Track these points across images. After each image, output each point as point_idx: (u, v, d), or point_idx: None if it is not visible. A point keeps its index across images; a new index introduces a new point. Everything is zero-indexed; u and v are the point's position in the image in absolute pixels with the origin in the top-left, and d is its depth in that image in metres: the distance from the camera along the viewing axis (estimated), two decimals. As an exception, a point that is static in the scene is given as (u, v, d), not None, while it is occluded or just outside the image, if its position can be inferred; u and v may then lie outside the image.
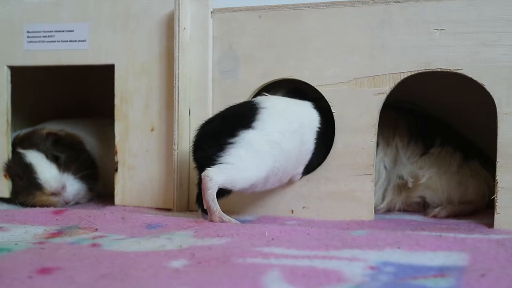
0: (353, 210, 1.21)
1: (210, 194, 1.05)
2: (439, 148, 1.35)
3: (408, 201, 1.35)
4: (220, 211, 1.08)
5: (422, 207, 1.36)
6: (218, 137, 1.11)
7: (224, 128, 1.12)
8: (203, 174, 1.07)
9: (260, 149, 1.10)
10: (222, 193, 1.12)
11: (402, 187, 1.33)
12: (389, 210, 1.35)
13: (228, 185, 1.08)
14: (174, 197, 1.29)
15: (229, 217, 1.09)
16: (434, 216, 1.28)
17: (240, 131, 1.10)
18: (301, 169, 1.22)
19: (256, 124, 1.12)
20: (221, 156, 1.08)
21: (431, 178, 1.31)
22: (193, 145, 1.15)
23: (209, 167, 1.07)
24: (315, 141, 1.20)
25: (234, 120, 1.13)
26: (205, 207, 1.08)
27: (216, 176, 1.05)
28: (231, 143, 1.09)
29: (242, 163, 1.08)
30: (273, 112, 1.15)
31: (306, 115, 1.21)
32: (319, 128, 1.21)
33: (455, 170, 1.32)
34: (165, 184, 1.34)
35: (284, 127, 1.15)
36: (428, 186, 1.32)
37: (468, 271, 0.76)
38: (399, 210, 1.35)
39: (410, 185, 1.31)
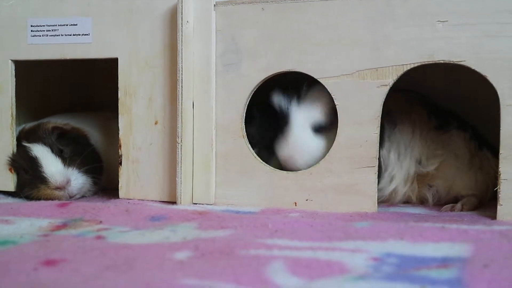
0: (356, 202, 1.21)
1: None
2: (456, 130, 1.35)
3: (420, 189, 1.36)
4: None
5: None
6: None
7: None
8: None
9: None
10: None
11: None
12: (407, 202, 1.37)
13: None
14: (178, 190, 1.30)
15: None
16: (451, 210, 1.27)
17: None
18: None
19: None
20: None
21: (442, 163, 1.32)
22: None
23: None
24: None
25: None
26: None
27: None
28: None
29: None
30: None
31: None
32: None
33: (468, 159, 1.33)
34: (169, 177, 1.34)
35: None
36: (437, 176, 1.33)
37: (471, 262, 0.76)
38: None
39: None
